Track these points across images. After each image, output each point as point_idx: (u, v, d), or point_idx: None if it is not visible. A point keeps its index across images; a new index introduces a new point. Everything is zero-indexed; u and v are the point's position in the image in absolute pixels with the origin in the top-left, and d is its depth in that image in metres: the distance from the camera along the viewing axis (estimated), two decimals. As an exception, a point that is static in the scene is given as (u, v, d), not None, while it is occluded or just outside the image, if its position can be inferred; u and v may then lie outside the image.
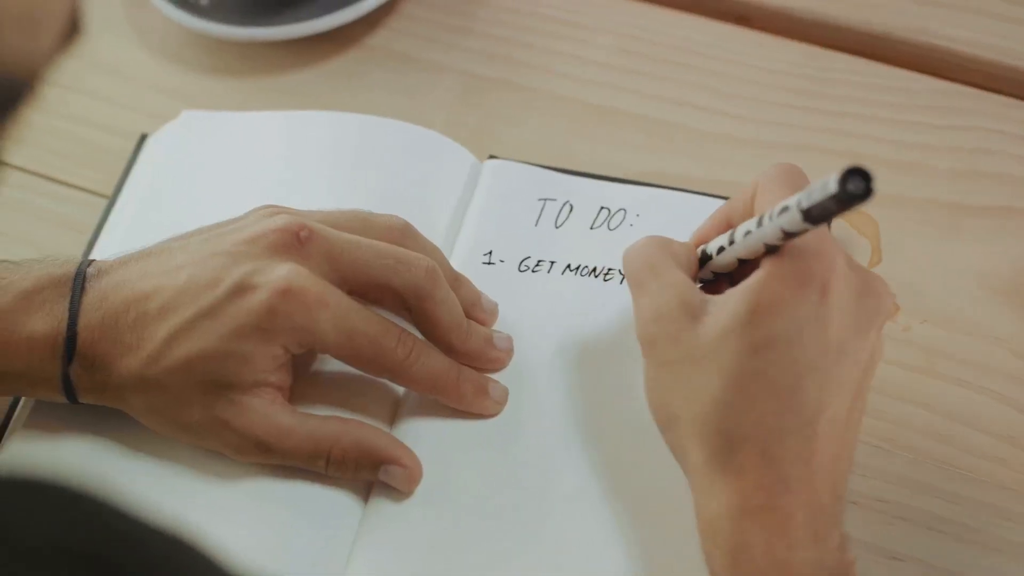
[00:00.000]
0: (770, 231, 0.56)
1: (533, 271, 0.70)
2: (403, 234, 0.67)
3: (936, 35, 0.81)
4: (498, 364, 0.67)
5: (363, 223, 0.67)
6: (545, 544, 0.62)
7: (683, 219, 0.65)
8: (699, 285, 0.60)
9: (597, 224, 0.72)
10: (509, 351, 0.67)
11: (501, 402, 0.66)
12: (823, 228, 0.55)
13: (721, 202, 0.70)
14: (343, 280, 0.64)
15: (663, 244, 0.61)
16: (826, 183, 0.52)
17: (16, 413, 0.68)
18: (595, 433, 0.65)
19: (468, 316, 0.67)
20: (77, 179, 0.80)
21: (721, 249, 0.60)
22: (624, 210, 0.72)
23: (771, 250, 0.56)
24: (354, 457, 0.63)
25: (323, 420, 0.64)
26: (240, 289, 0.62)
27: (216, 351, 0.62)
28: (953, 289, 0.71)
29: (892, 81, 0.80)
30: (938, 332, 0.70)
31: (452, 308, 0.66)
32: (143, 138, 0.80)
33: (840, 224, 0.73)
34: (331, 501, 0.64)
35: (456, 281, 0.68)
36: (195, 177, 0.77)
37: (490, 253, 0.71)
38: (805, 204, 0.53)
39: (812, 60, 0.81)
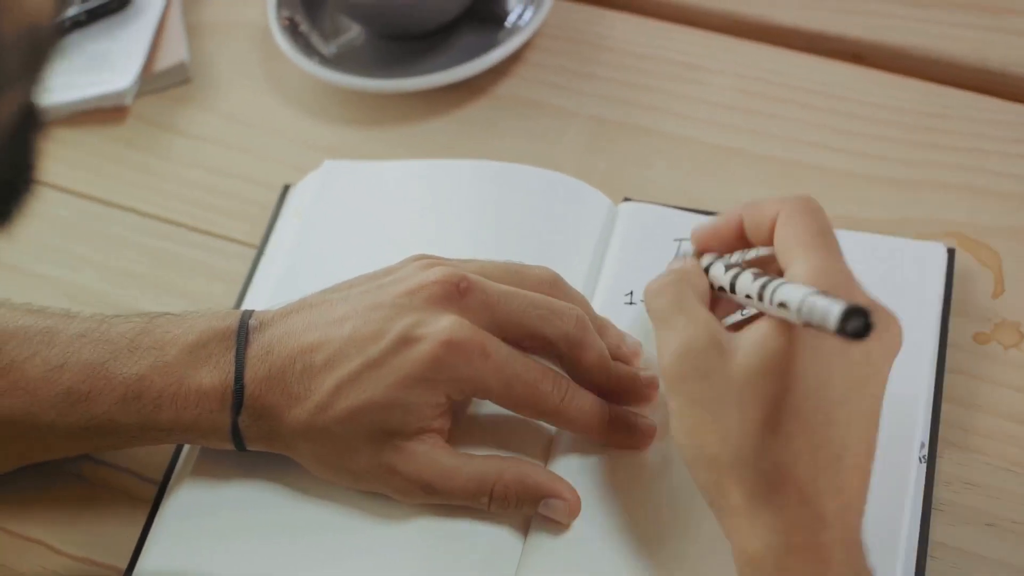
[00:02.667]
0: (769, 311, 0.58)
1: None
2: (553, 285, 0.69)
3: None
4: (645, 400, 0.69)
5: (515, 275, 0.69)
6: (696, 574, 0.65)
7: None
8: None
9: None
10: (655, 387, 0.69)
11: (650, 435, 0.68)
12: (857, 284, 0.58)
13: (843, 233, 0.73)
14: (499, 329, 0.66)
15: (687, 279, 0.64)
16: (828, 311, 0.54)
17: (182, 457, 0.71)
18: None
19: (614, 357, 0.69)
20: (222, 230, 0.83)
21: (721, 289, 0.63)
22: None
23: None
24: (516, 492, 0.66)
25: (484, 459, 0.67)
26: (404, 341, 0.65)
27: (382, 401, 0.64)
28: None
29: (1008, 116, 0.82)
30: (1067, 356, 0.72)
31: (600, 352, 0.68)
32: (286, 188, 0.83)
33: (964, 256, 0.75)
34: (493, 537, 0.66)
35: (601, 326, 0.70)
36: (341, 226, 0.80)
37: (631, 294, 0.74)
38: (804, 318, 0.55)
39: (929, 97, 0.84)
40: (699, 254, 0.67)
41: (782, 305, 0.57)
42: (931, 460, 0.68)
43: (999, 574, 0.65)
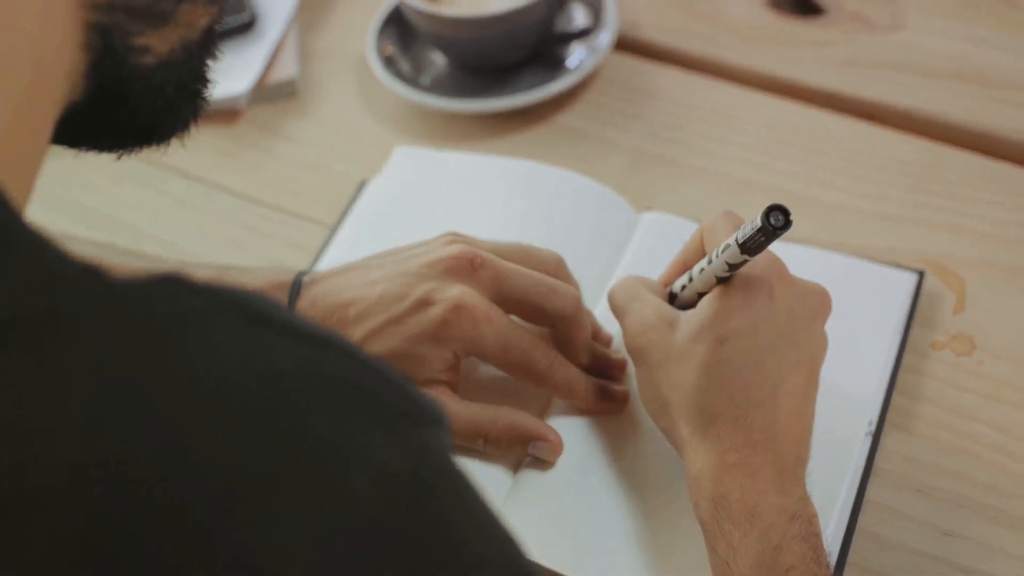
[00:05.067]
0: (718, 266, 0.69)
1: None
2: (557, 267, 0.80)
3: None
4: (615, 378, 0.80)
5: (525, 254, 0.80)
6: (649, 516, 0.75)
7: (808, 272, 0.74)
8: None
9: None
10: (623, 367, 0.80)
11: (624, 400, 0.79)
12: (764, 251, 0.68)
13: (842, 259, 0.85)
14: (504, 301, 0.77)
15: (639, 279, 0.76)
16: (754, 221, 0.66)
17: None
18: None
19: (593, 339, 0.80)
20: (307, 212, 0.96)
21: (683, 287, 0.74)
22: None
23: (721, 281, 0.70)
24: (508, 435, 0.76)
25: (483, 407, 0.77)
26: (422, 303, 0.75)
27: (399, 352, 0.75)
28: (1025, 334, 0.84)
29: (993, 172, 0.93)
30: (1008, 367, 0.82)
31: (587, 331, 0.79)
32: (363, 183, 0.97)
33: (933, 280, 0.86)
34: (486, 473, 0.77)
35: (585, 313, 0.80)
36: (402, 209, 0.93)
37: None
38: (740, 239, 0.67)
39: (926, 152, 0.94)
40: (665, 284, 0.78)
41: (726, 247, 0.69)
42: (876, 435, 0.78)
43: (922, 532, 0.75)
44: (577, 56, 1.03)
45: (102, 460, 0.37)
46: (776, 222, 0.65)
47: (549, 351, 0.77)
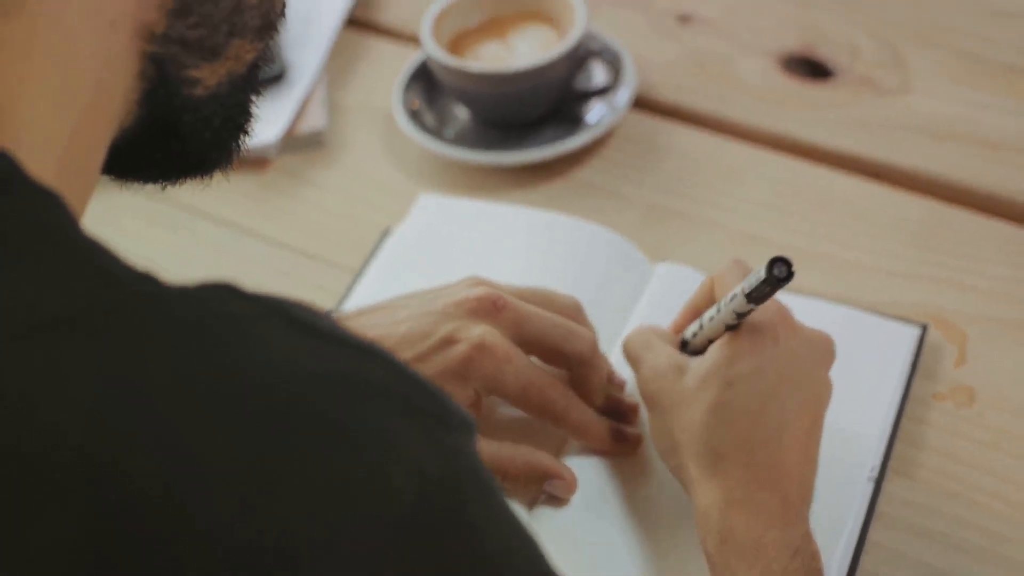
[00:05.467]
0: (726, 314, 0.73)
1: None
2: (575, 312, 0.84)
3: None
4: (627, 421, 0.83)
5: (545, 298, 0.83)
6: (659, 553, 0.78)
7: (815, 323, 0.78)
8: None
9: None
10: (636, 411, 0.83)
11: (636, 443, 0.82)
12: (771, 299, 0.72)
13: (848, 311, 0.89)
14: (525, 342, 0.80)
15: (652, 329, 0.80)
16: (759, 271, 0.69)
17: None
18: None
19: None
20: (332, 257, 1.00)
21: (694, 334, 0.78)
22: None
23: (731, 328, 0.73)
24: (525, 472, 0.79)
25: (501, 444, 0.80)
26: (446, 341, 0.78)
27: None
28: (1024, 386, 0.87)
29: (995, 232, 0.96)
30: (1006, 417, 0.85)
31: (602, 375, 0.82)
32: (387, 230, 1.01)
33: (936, 334, 0.89)
34: None
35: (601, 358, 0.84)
36: (424, 255, 0.97)
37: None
38: (746, 289, 0.71)
39: (932, 211, 0.98)
40: (677, 331, 0.81)
41: (733, 297, 0.72)
42: (878, 480, 0.81)
43: (921, 573, 0.78)
44: (596, 113, 1.06)
45: (147, 454, 0.40)
46: (779, 273, 0.69)
47: (566, 392, 0.80)
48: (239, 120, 0.59)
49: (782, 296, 0.75)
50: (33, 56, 0.48)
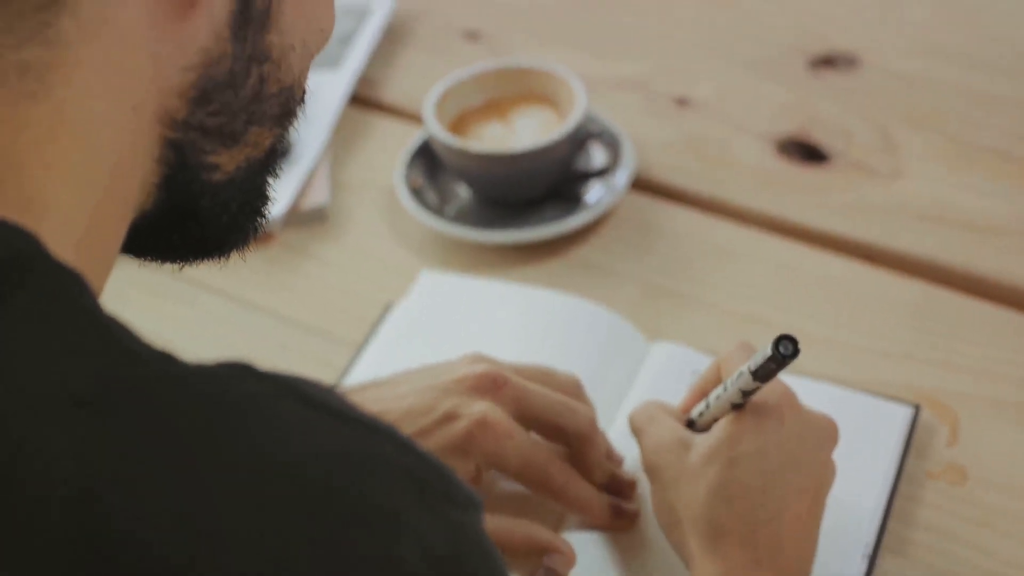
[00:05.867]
0: (732, 393, 0.75)
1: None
2: (575, 389, 0.85)
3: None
4: (625, 496, 0.84)
5: (545, 376, 0.85)
6: None
7: (810, 403, 0.79)
8: None
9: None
10: (634, 487, 0.84)
11: (633, 519, 0.83)
12: (776, 380, 0.73)
13: (842, 391, 0.90)
14: (525, 419, 0.81)
15: (660, 404, 0.81)
16: (764, 350, 0.71)
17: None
18: None
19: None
20: (335, 331, 1.01)
21: (700, 414, 0.79)
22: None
23: (736, 407, 0.75)
24: (524, 546, 0.80)
25: (502, 518, 0.81)
26: (448, 417, 0.80)
27: None
28: (1016, 465, 0.87)
29: (983, 313, 0.98)
30: (998, 496, 0.86)
31: (600, 451, 0.83)
32: (388, 306, 1.02)
33: (928, 414, 0.91)
34: None
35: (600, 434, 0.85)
36: (425, 332, 0.98)
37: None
38: (752, 367, 0.73)
39: (922, 293, 1.00)
40: (685, 412, 0.83)
41: (739, 375, 0.74)
42: (872, 558, 0.82)
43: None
44: (595, 193, 1.09)
45: (173, 529, 0.42)
46: (785, 351, 0.70)
47: (566, 468, 0.82)
48: (256, 203, 0.60)
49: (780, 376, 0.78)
50: (58, 138, 0.49)
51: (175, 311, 1.05)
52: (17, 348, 0.44)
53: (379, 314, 1.02)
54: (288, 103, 0.58)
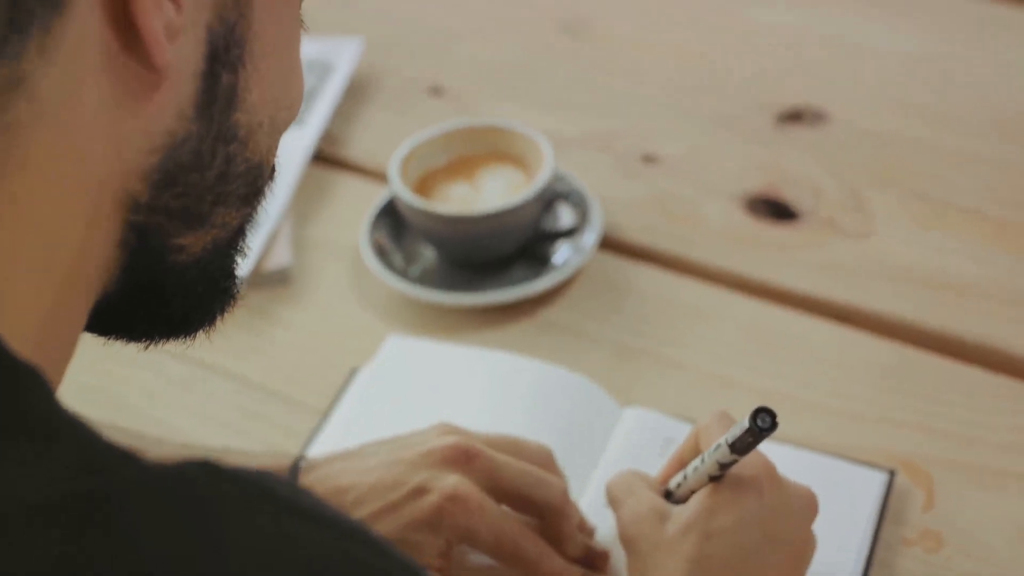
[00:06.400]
0: (710, 465, 0.73)
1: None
2: (546, 460, 0.83)
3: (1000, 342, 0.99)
4: (598, 569, 0.82)
5: (516, 447, 0.83)
6: None
7: (784, 469, 0.78)
8: None
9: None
10: (606, 559, 0.82)
11: None
12: (755, 452, 0.72)
13: (816, 457, 0.89)
14: (496, 491, 0.79)
15: (638, 474, 0.80)
16: (742, 422, 0.70)
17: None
18: None
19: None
20: (299, 396, 0.99)
21: (678, 485, 0.78)
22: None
23: (714, 479, 0.74)
24: None
25: None
26: (417, 491, 0.78)
27: (395, 538, 0.77)
28: (991, 532, 0.86)
29: (958, 376, 0.97)
30: (974, 564, 0.85)
31: (573, 523, 0.82)
32: (353, 371, 1.00)
33: (903, 478, 0.90)
34: None
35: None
36: (392, 398, 0.96)
37: (622, 474, 0.89)
38: (730, 439, 0.71)
39: (897, 355, 0.98)
40: (663, 482, 0.81)
41: (717, 447, 0.72)
42: (850, 630, 0.81)
43: None
44: (563, 254, 1.07)
45: None
46: (763, 424, 0.69)
47: (538, 541, 0.80)
48: (224, 283, 0.59)
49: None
50: (13, 225, 0.47)
51: (141, 377, 1.02)
52: None
53: (344, 379, 1.00)
54: (256, 181, 0.57)
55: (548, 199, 1.07)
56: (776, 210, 1.12)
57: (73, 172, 0.49)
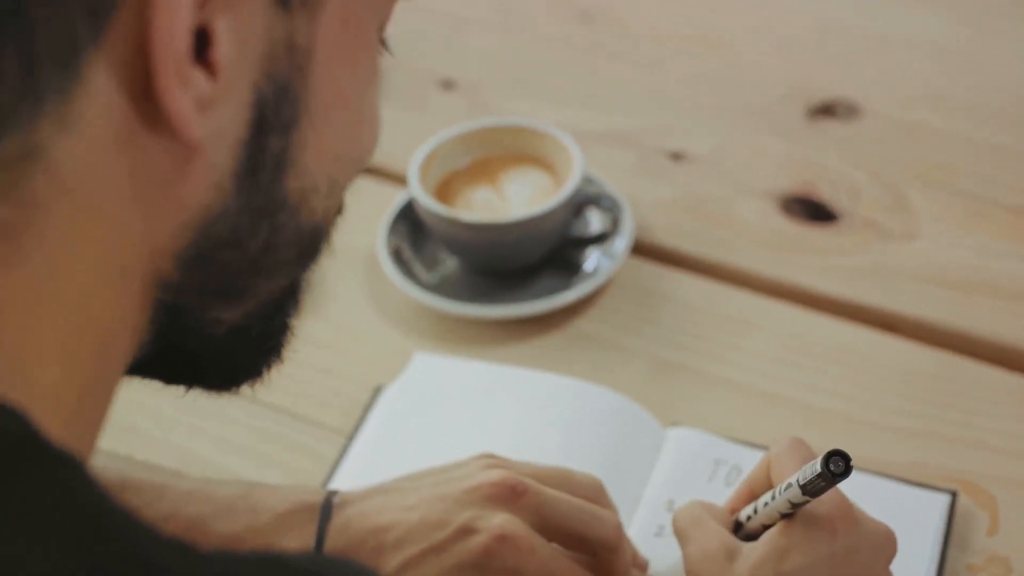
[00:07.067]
0: (781, 503, 0.69)
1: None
2: (597, 493, 0.78)
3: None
4: None
5: (564, 479, 0.77)
6: None
7: None
8: None
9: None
10: None
11: None
12: (832, 490, 0.68)
13: (870, 479, 0.85)
14: (546, 529, 0.74)
15: (705, 506, 0.75)
16: (814, 464, 0.66)
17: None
18: None
19: None
20: (320, 418, 0.94)
21: (748, 518, 0.73)
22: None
23: (786, 516, 0.69)
24: None
25: None
26: (464, 531, 0.73)
27: None
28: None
29: (1012, 384, 0.92)
30: (1046, 593, 0.81)
31: (628, 559, 0.77)
32: (379, 388, 0.95)
33: (964, 499, 0.85)
34: None
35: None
36: (422, 419, 0.91)
37: (671, 501, 0.84)
38: (801, 481, 0.67)
39: (947, 365, 0.94)
40: (731, 511, 0.76)
41: (788, 486, 0.68)
42: (923, 667, 0.77)
43: None
44: (592, 260, 1.02)
45: None
46: (836, 468, 0.65)
47: None
48: (269, 344, 0.54)
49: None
50: (40, 309, 0.43)
51: (154, 403, 0.96)
52: (12, 554, 0.38)
53: (368, 398, 0.95)
54: (309, 247, 0.52)
55: (578, 204, 1.02)
56: (813, 210, 1.07)
57: (97, 251, 0.44)
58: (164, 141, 0.44)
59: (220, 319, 0.50)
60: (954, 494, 0.85)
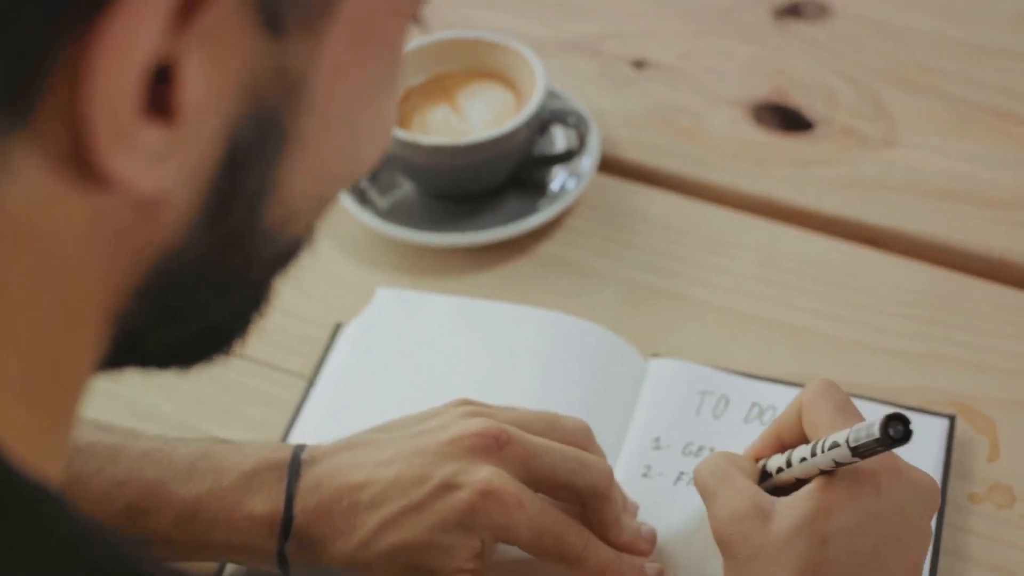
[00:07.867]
0: (823, 461, 0.64)
1: (696, 455, 0.79)
2: (585, 439, 0.73)
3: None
4: (644, 553, 0.73)
5: (550, 425, 0.73)
6: None
7: None
8: None
9: (751, 418, 0.81)
10: (653, 540, 0.74)
11: None
12: None
13: (861, 404, 0.80)
14: (533, 480, 0.70)
15: (729, 457, 0.69)
16: (871, 427, 0.61)
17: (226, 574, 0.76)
18: None
19: None
20: (279, 362, 0.88)
21: (780, 469, 0.68)
22: (773, 407, 0.81)
23: (825, 472, 0.64)
24: None
25: None
26: (445, 487, 0.68)
27: (421, 541, 0.68)
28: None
29: (1007, 300, 0.88)
30: (1050, 519, 0.77)
31: (618, 507, 0.72)
32: (338, 327, 0.90)
33: (962, 424, 0.81)
34: None
35: None
36: (388, 355, 0.86)
37: (657, 439, 0.80)
38: (853, 443, 0.62)
39: (936, 281, 0.90)
40: (756, 459, 0.71)
41: (834, 445, 0.63)
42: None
43: None
44: (559, 180, 0.96)
45: None
46: (896, 434, 0.60)
47: (583, 533, 0.71)
48: (231, 337, 0.50)
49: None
50: None
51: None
52: None
53: (326, 337, 0.89)
54: (287, 258, 0.48)
55: (542, 121, 0.96)
56: (787, 118, 1.01)
57: (55, 294, 0.40)
58: (119, 194, 0.39)
59: (182, 331, 0.46)
60: (952, 418, 0.81)
